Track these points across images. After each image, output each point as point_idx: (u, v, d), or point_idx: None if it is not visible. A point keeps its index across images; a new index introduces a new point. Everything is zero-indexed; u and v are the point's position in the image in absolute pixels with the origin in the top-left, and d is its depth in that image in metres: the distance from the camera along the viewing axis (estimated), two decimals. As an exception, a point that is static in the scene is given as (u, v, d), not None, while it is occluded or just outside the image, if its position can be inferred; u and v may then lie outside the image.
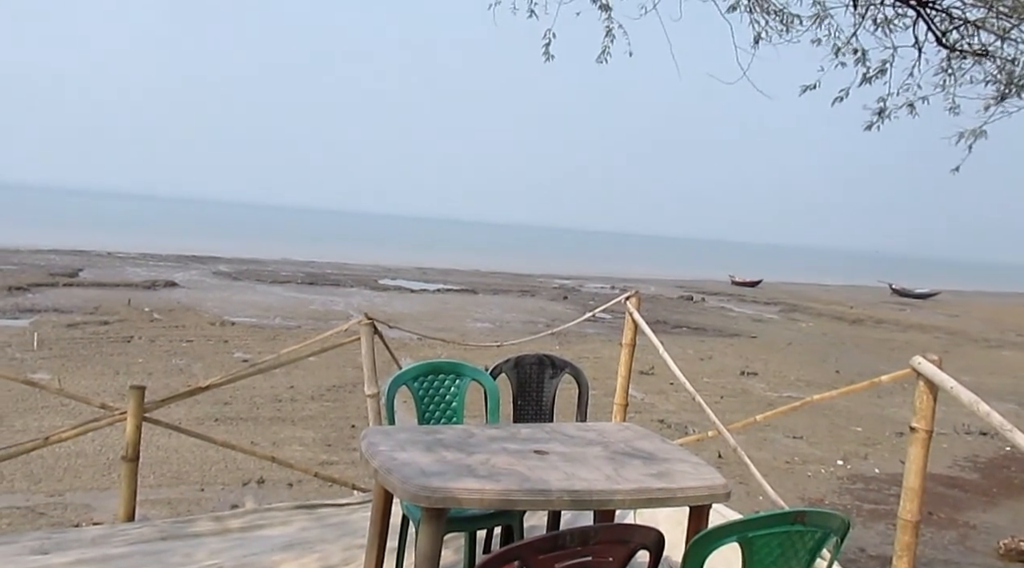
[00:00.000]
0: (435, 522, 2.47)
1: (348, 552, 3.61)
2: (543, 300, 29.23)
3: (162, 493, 7.30)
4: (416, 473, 2.49)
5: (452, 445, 2.81)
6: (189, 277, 26.89)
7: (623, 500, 2.58)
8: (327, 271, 34.24)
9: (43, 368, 11.61)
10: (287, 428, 9.74)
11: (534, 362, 3.99)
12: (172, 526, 3.88)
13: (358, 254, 46.82)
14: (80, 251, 33.26)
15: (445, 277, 36.07)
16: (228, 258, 36.41)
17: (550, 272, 44.67)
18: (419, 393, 3.59)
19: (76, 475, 7.61)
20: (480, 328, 20.41)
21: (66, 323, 15.56)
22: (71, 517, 6.69)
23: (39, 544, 3.52)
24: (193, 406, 9.30)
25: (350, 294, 26.09)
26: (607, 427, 3.41)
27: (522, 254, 69.68)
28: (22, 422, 8.95)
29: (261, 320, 18.47)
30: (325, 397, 11.31)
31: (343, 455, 8.84)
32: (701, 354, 17.87)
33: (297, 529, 3.90)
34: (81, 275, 24.51)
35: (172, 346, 14.18)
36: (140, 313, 17.67)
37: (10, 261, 26.71)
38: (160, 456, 8.00)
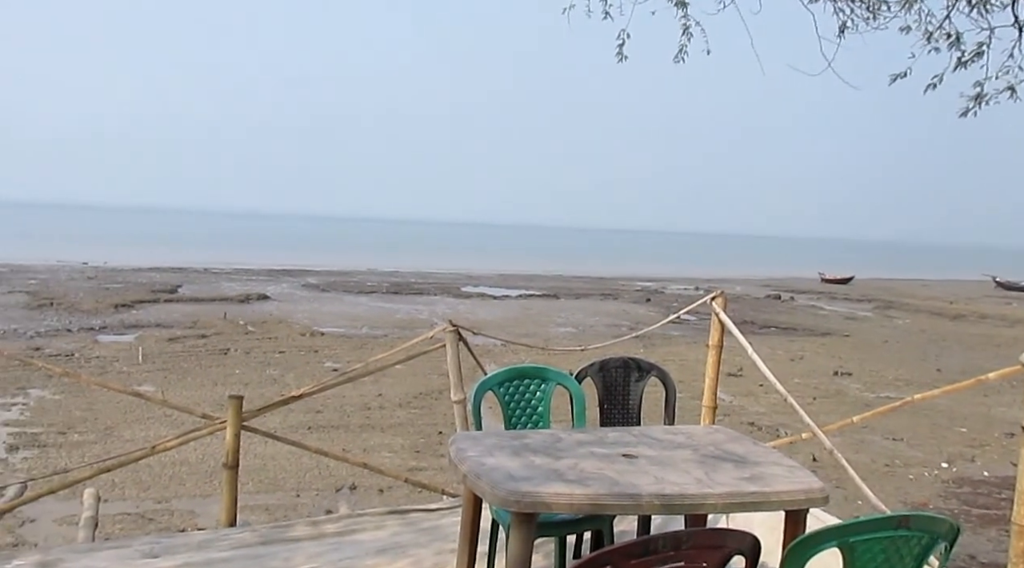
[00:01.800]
0: (525, 527, 2.47)
1: (440, 556, 3.66)
2: (626, 303, 28.97)
3: (260, 499, 7.56)
4: (505, 478, 2.50)
5: (540, 450, 2.81)
6: (280, 290, 27.80)
7: (715, 504, 2.53)
8: (411, 280, 34.83)
9: (148, 381, 12.20)
10: (376, 435, 9.94)
11: (619, 365, 3.96)
12: (271, 531, 4.01)
13: (441, 262, 47.48)
14: (179, 268, 34.82)
15: (527, 283, 36.19)
16: (316, 270, 37.47)
17: (632, 275, 44.25)
18: (505, 398, 3.61)
19: (180, 482, 7.96)
20: (563, 333, 20.38)
21: (167, 337, 16.31)
22: (177, 523, 7.00)
23: (149, 548, 3.69)
24: (287, 415, 9.60)
25: (434, 302, 26.47)
26: (696, 430, 3.35)
27: (603, 257, 69.27)
28: (130, 432, 9.43)
29: (349, 330, 18.93)
30: (412, 404, 11.50)
31: (431, 461, 8.96)
32: (791, 354, 17.37)
33: (390, 534, 3.97)
34: (180, 291, 25.66)
35: (266, 357, 14.68)
36: (235, 326, 18.36)
37: (116, 280, 28.20)
38: (257, 463, 8.29)
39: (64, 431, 9.41)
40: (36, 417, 9.95)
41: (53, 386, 11.31)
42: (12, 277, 27.53)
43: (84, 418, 9.93)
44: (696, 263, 65.03)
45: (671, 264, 59.87)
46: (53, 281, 26.74)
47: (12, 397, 10.80)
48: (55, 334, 16.37)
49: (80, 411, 10.21)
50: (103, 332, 16.90)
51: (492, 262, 50.21)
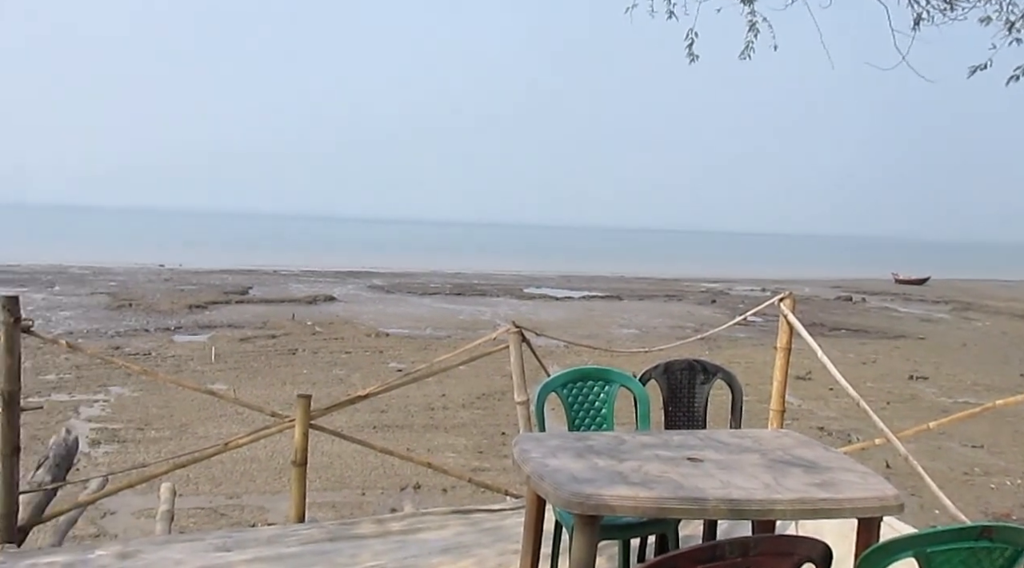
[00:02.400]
0: (589, 529, 2.46)
1: (503, 557, 3.67)
2: (690, 304, 28.59)
3: (327, 496, 7.71)
4: (568, 479, 2.49)
5: (603, 452, 2.80)
6: (346, 291, 28.32)
7: (784, 510, 2.47)
8: (474, 282, 35.05)
9: (220, 379, 12.57)
10: (440, 435, 10.03)
11: (684, 367, 3.90)
12: (338, 528, 4.08)
13: (503, 264, 47.65)
14: (250, 270, 35.80)
15: (589, 284, 36.04)
16: (381, 272, 38.07)
17: (696, 276, 43.64)
18: (568, 400, 3.60)
19: (251, 479, 8.18)
20: (626, 334, 20.22)
21: (239, 338, 16.78)
22: (248, 518, 7.20)
23: (222, 542, 3.80)
24: (353, 414, 9.76)
25: (496, 303, 26.58)
26: (764, 434, 3.28)
27: (667, 258, 68.49)
28: (204, 429, 9.73)
29: (413, 331, 19.16)
30: (475, 405, 11.57)
31: (494, 461, 9.00)
32: (863, 357, 16.87)
33: (453, 533, 3.99)
34: (251, 292, 26.38)
35: (332, 357, 14.97)
36: (303, 327, 18.78)
37: (190, 281, 29.16)
38: (325, 461, 8.46)
39: (142, 427, 9.77)
40: (116, 413, 10.36)
41: (132, 384, 11.76)
42: (94, 279, 28.72)
43: (161, 415, 10.30)
44: (762, 264, 63.73)
45: (736, 265, 58.82)
46: (132, 283, 27.80)
47: (95, 394, 11.28)
48: (134, 334, 17.01)
49: (157, 408, 10.59)
50: (178, 332, 17.49)
51: (554, 263, 50.18)
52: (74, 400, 10.90)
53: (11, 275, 28.91)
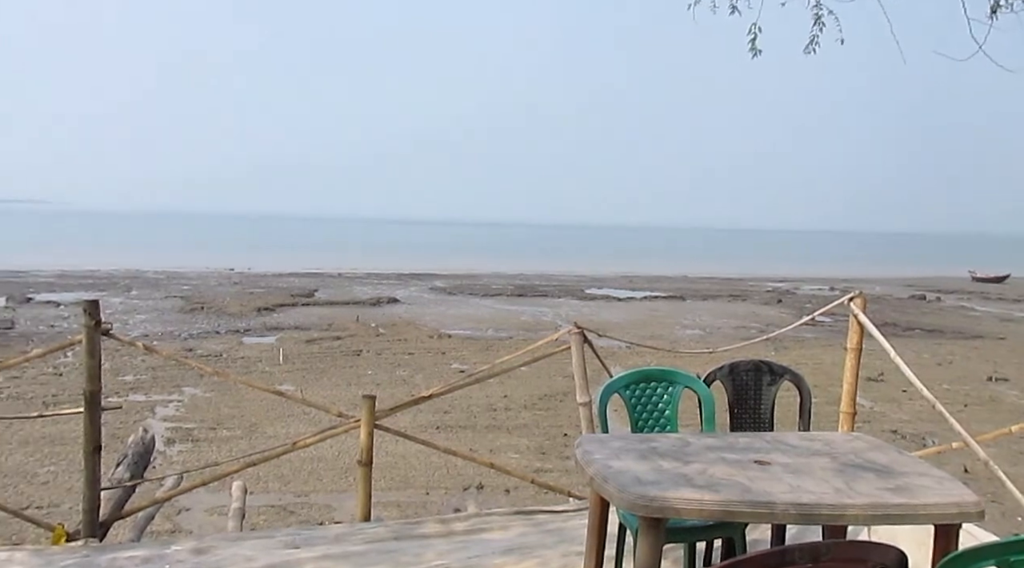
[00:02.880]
0: (653, 532, 2.43)
1: (566, 559, 3.66)
2: (755, 304, 28.06)
3: (392, 496, 7.82)
4: (632, 481, 2.46)
5: (668, 454, 2.76)
6: (409, 293, 28.67)
7: (856, 515, 2.40)
8: (535, 283, 35.08)
9: (288, 380, 12.87)
10: (502, 436, 10.06)
11: (750, 368, 3.83)
12: (403, 527, 4.13)
13: (565, 265, 47.57)
14: (315, 273, 36.56)
15: (652, 284, 35.70)
16: (443, 274, 38.41)
17: (762, 275, 42.80)
18: (631, 401, 3.57)
19: (318, 478, 8.34)
20: (690, 335, 19.96)
21: (305, 339, 17.15)
22: (315, 516, 7.34)
23: (291, 539, 3.88)
24: (417, 414, 9.88)
25: (558, 304, 26.55)
26: (834, 437, 3.19)
27: (731, 257, 67.33)
28: (272, 429, 9.97)
29: (475, 332, 19.28)
30: (537, 406, 11.57)
31: (557, 463, 8.98)
32: (939, 358, 16.30)
33: (516, 534, 4.00)
34: (317, 295, 26.93)
35: (396, 358, 15.17)
36: (367, 328, 19.08)
37: (259, 284, 29.93)
38: (389, 461, 8.58)
39: (214, 427, 10.07)
40: (190, 413, 10.70)
41: (204, 385, 12.13)
42: (168, 283, 29.73)
43: (231, 415, 10.59)
44: (831, 262, 62.12)
45: (804, 264, 57.46)
46: (203, 287, 28.68)
47: (169, 394, 11.67)
48: (205, 336, 17.54)
49: (228, 408, 10.90)
50: (247, 334, 17.97)
51: (616, 264, 49.84)
52: (150, 400, 11.29)
53: (91, 280, 30.15)
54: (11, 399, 11.08)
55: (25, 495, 7.57)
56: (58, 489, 7.78)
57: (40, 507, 7.20)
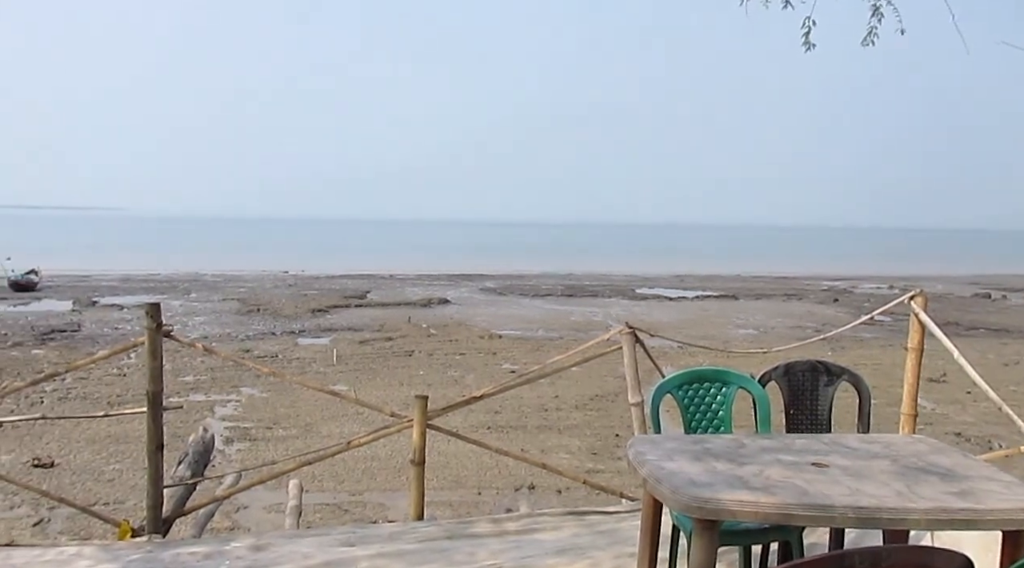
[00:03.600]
0: (708, 534, 2.41)
1: (619, 560, 3.64)
2: (811, 303, 27.50)
3: (444, 495, 7.87)
4: (686, 483, 2.44)
5: (722, 455, 2.73)
6: (460, 294, 28.83)
7: (919, 520, 2.34)
8: (585, 283, 34.96)
9: (341, 380, 13.05)
10: (553, 436, 10.05)
11: (806, 369, 3.75)
12: (455, 526, 4.16)
13: (615, 264, 47.30)
14: (367, 275, 37.02)
15: (704, 283, 35.26)
16: (493, 274, 38.52)
17: (817, 273, 41.91)
18: (684, 402, 3.53)
19: (372, 477, 8.45)
20: (743, 335, 19.67)
21: (358, 340, 17.38)
22: (369, 514, 7.44)
23: (346, 537, 3.94)
24: (468, 414, 9.92)
25: (608, 304, 26.41)
26: (895, 439, 3.11)
27: (786, 256, 66.09)
28: (327, 428, 10.13)
29: (525, 332, 19.29)
30: (588, 406, 11.53)
31: (609, 464, 8.94)
32: (1005, 359, 15.76)
33: (569, 535, 3.99)
34: (369, 296, 27.27)
35: (447, 359, 15.27)
36: (418, 329, 19.25)
37: (312, 286, 30.44)
38: (441, 461, 8.64)
39: (271, 426, 10.27)
40: (247, 413, 10.94)
41: (261, 385, 12.39)
42: (225, 286, 30.43)
43: (287, 414, 10.79)
44: (889, 260, 60.53)
45: (861, 262, 56.11)
46: (259, 289, 29.28)
47: (227, 394, 11.94)
48: (261, 337, 17.91)
49: (284, 408, 11.11)
50: (302, 335, 18.28)
51: (667, 263, 49.37)
52: (209, 400, 11.57)
53: (153, 283, 31.03)
54: (79, 399, 11.47)
55: (92, 492, 7.83)
56: (123, 486, 8.03)
57: (107, 503, 7.43)
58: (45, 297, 25.30)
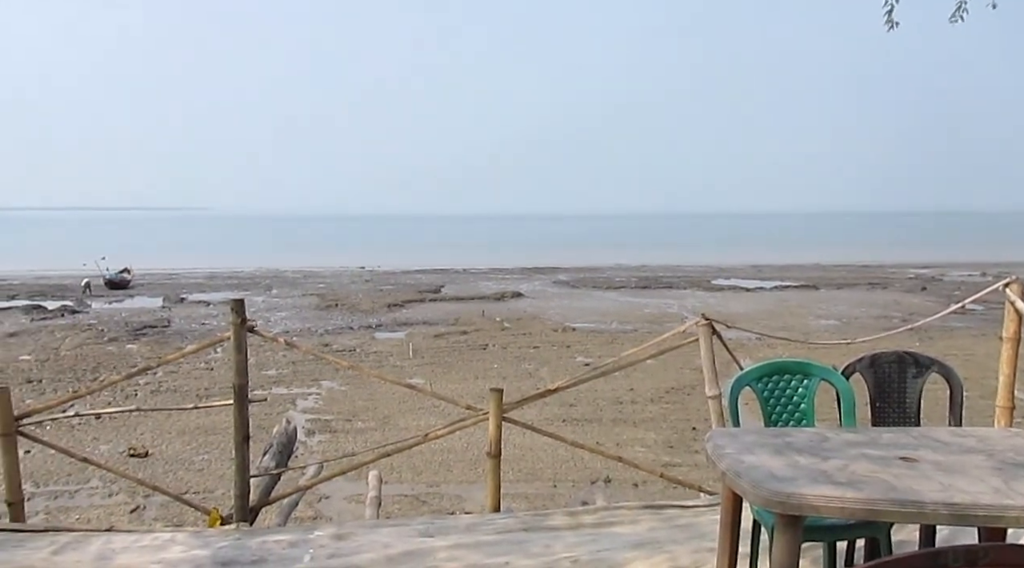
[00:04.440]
0: (790, 530, 2.35)
1: (697, 555, 3.58)
2: (896, 292, 26.52)
3: (520, 488, 7.91)
4: (767, 477, 2.38)
5: (804, 449, 2.65)
6: (533, 287, 28.88)
7: (1019, 517, 2.23)
8: (659, 274, 34.54)
9: (417, 374, 13.25)
10: (629, 429, 9.98)
11: (893, 360, 3.62)
12: (532, 518, 4.17)
13: (689, 255, 46.58)
14: (441, 269, 37.44)
15: (782, 273, 34.40)
16: (566, 267, 38.44)
17: (903, 261, 40.38)
18: (764, 394, 3.45)
19: (448, 469, 8.55)
20: (824, 326, 19.11)
21: (433, 334, 17.61)
22: (446, 505, 7.54)
23: (425, 528, 4.00)
24: (543, 407, 9.95)
25: (683, 296, 26.04)
26: (990, 433, 2.97)
27: (869, 244, 63.84)
28: (404, 421, 10.30)
29: (599, 325, 19.20)
30: (664, 399, 11.40)
31: (686, 457, 8.83)
32: (1110, 348, 14.86)
33: (646, 528, 3.96)
34: (443, 291, 27.58)
35: (521, 352, 15.33)
36: (492, 323, 19.37)
37: (388, 282, 30.97)
38: (517, 453, 8.68)
39: (350, 418, 10.51)
40: (327, 405, 11.22)
41: (340, 378, 12.68)
42: (305, 282, 31.24)
43: (366, 407, 11.02)
44: (981, 246, 57.79)
45: (950, 248, 53.74)
46: (337, 284, 29.95)
47: (308, 387, 12.27)
48: (340, 332, 18.32)
49: (362, 401, 11.35)
50: (379, 330, 18.63)
51: (744, 253, 48.33)
52: (291, 393, 11.92)
53: (236, 280, 32.10)
54: (170, 392, 11.97)
55: (184, 480, 8.16)
56: (212, 475, 8.35)
57: (197, 492, 7.74)
58: (137, 294, 26.49)
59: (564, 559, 3.57)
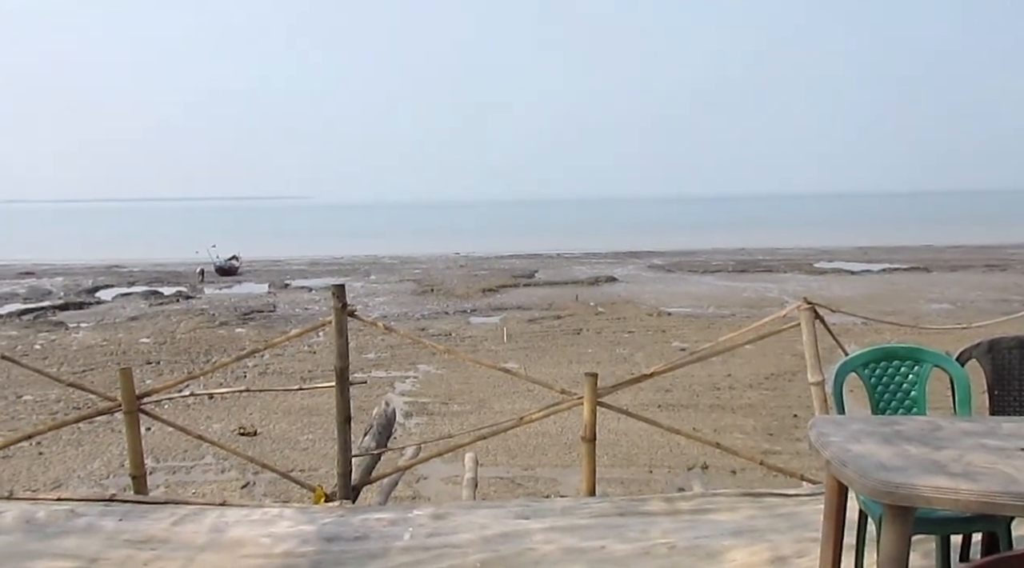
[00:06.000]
0: (900, 522, 2.25)
1: (800, 545, 3.49)
2: (1017, 275, 24.96)
3: (615, 473, 7.89)
4: (875, 467, 2.29)
5: (915, 438, 2.54)
6: (627, 272, 28.61)
7: None
8: (758, 257, 33.62)
9: (512, 358, 13.36)
10: (727, 416, 9.79)
11: (1014, 345, 3.40)
12: (628, 503, 4.15)
13: (790, 237, 45.11)
14: (535, 254, 37.55)
15: (890, 255, 32.90)
16: (661, 251, 37.90)
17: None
18: (871, 381, 3.31)
19: (543, 452, 8.60)
20: (936, 310, 18.19)
21: (527, 319, 17.70)
22: (541, 488, 7.59)
23: (521, 510, 4.04)
24: (637, 392, 9.86)
25: (784, 279, 25.28)
26: (1123, 425, 2.76)
27: (985, 223, 60.22)
28: (499, 404, 10.42)
29: (695, 309, 18.86)
30: (763, 385, 11.12)
31: (786, 445, 8.60)
32: None
33: (745, 517, 3.88)
34: (536, 276, 27.67)
35: (615, 337, 15.23)
36: (586, 307, 19.32)
37: (482, 267, 31.30)
38: (611, 438, 8.65)
39: (446, 401, 10.70)
40: (424, 389, 11.46)
41: (436, 362, 12.93)
42: (402, 267, 31.94)
43: (461, 390, 11.20)
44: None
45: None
46: (433, 270, 30.49)
47: (406, 371, 12.57)
48: (435, 316, 18.66)
49: (458, 384, 11.53)
50: (474, 314, 18.87)
51: (848, 235, 46.43)
52: (390, 376, 12.23)
53: (336, 266, 33.12)
54: (275, 374, 12.49)
55: (290, 459, 8.52)
56: (315, 455, 8.68)
57: (302, 470, 8.07)
58: (245, 281, 27.70)
59: (661, 545, 3.55)
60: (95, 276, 29.06)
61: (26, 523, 3.81)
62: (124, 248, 44.51)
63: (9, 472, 8.12)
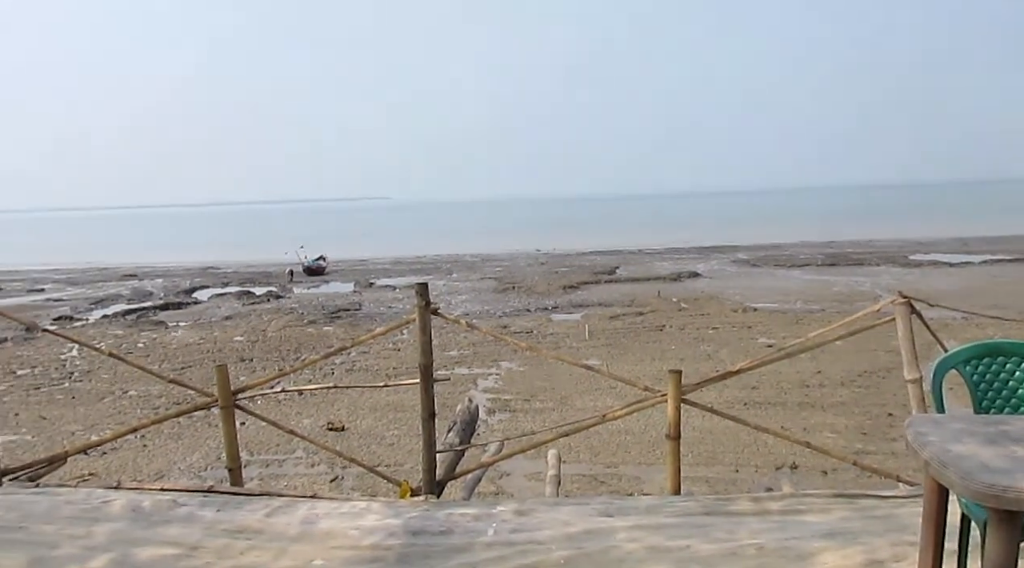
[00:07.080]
0: (1007, 527, 2.14)
1: (897, 548, 3.36)
2: None
3: (700, 471, 7.75)
4: (978, 468, 2.18)
5: (1023, 439, 2.41)
6: (710, 267, 28.09)
7: None
8: (848, 250, 32.48)
9: (593, 355, 13.30)
10: (816, 414, 9.50)
11: None
12: (714, 503, 4.07)
13: (882, 230, 43.40)
14: (615, 250, 37.27)
15: (992, 246, 31.27)
16: (746, 246, 37.04)
17: None
18: (974, 378, 3.15)
19: (626, 450, 8.54)
20: (1045, 304, 17.18)
21: (608, 315, 17.59)
22: (624, 486, 7.53)
23: (604, 507, 4.02)
24: (722, 390, 9.67)
25: (876, 273, 24.35)
26: None
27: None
28: (581, 401, 10.39)
29: (782, 305, 18.37)
30: (856, 383, 10.75)
31: (881, 445, 8.29)
32: None
33: (838, 518, 3.75)
34: (618, 272, 27.46)
35: (699, 333, 14.98)
36: (669, 303, 19.05)
37: (563, 264, 31.26)
38: (696, 436, 8.51)
39: (528, 398, 10.74)
40: (506, 386, 11.53)
41: (518, 359, 12.99)
42: (483, 265, 32.20)
43: (543, 388, 11.22)
44: None
45: None
46: (514, 267, 30.63)
47: (488, 368, 12.67)
48: (517, 314, 18.74)
49: (540, 381, 11.56)
50: (555, 311, 18.87)
51: (946, 226, 44.34)
52: (472, 373, 12.35)
53: (419, 265, 33.66)
54: (362, 371, 12.78)
55: (376, 454, 8.71)
56: (401, 450, 8.84)
57: (388, 465, 8.23)
58: (332, 280, 28.45)
59: (749, 546, 3.47)
60: (192, 277, 30.38)
61: (132, 511, 4.01)
62: (219, 250, 46.37)
63: (117, 463, 8.58)
